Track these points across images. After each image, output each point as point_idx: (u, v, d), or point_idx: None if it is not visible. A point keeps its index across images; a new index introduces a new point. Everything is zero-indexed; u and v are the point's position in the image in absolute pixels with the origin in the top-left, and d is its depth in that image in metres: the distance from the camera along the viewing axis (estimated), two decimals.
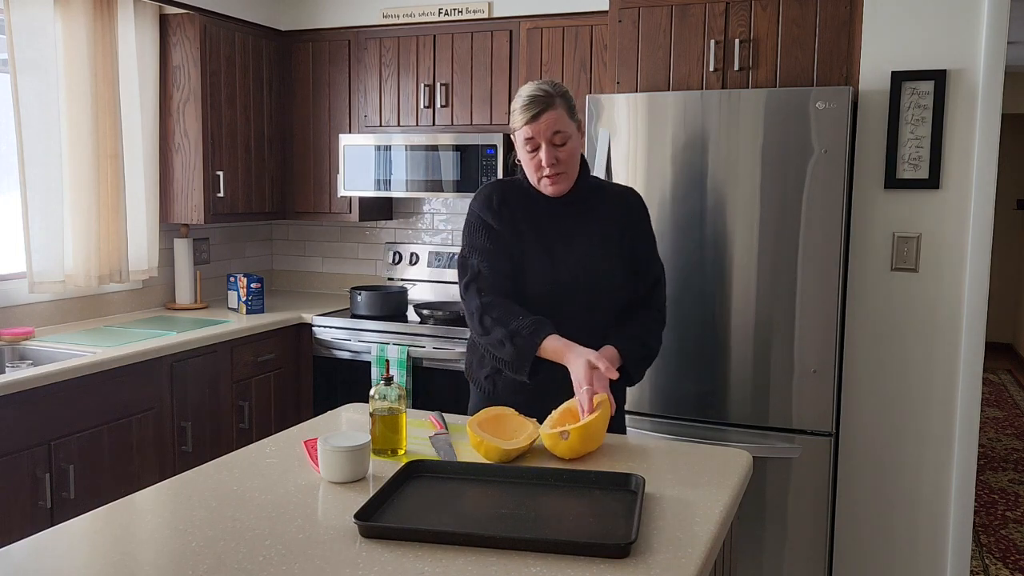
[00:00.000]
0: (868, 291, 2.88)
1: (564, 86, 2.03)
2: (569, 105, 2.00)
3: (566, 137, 1.98)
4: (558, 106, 1.96)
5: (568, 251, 2.05)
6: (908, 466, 2.87)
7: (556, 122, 1.96)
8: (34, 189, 3.21)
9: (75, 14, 3.30)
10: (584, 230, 2.07)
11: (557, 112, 1.96)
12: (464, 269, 2.12)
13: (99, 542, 1.40)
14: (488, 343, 2.03)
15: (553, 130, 1.96)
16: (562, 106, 1.97)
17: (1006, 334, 8.22)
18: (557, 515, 1.51)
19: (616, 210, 2.11)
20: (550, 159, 1.97)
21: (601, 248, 2.06)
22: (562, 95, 1.99)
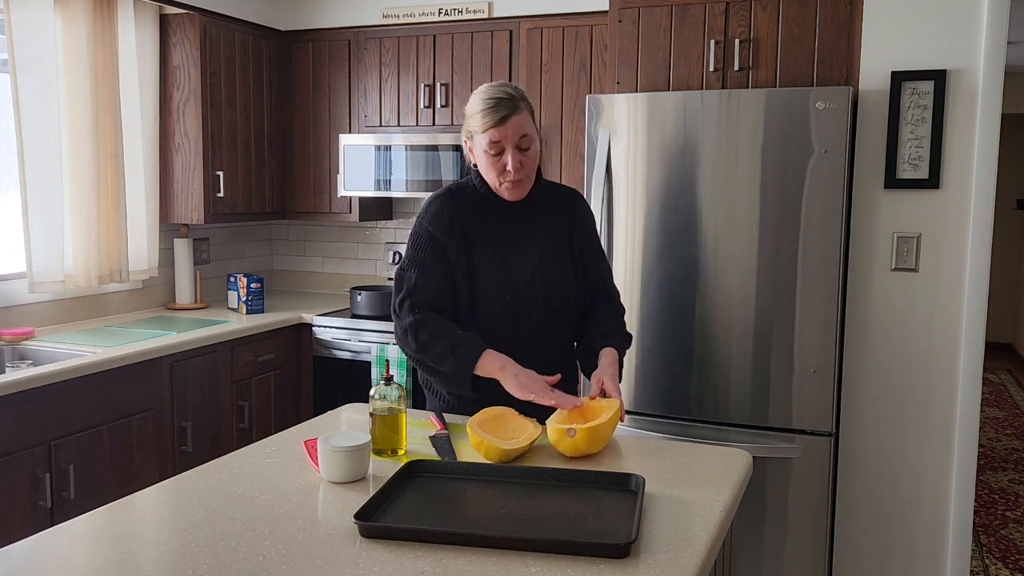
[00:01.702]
0: (868, 291, 2.88)
1: (521, 90, 2.01)
2: (531, 109, 2.00)
3: (531, 141, 1.98)
4: (523, 110, 1.96)
5: (523, 256, 2.05)
6: (908, 466, 2.87)
7: (522, 126, 1.95)
8: (34, 189, 3.21)
9: (75, 14, 3.30)
10: (536, 233, 2.07)
11: (523, 116, 1.96)
12: (400, 283, 2.04)
13: (99, 542, 1.40)
14: (427, 359, 1.97)
15: (520, 134, 1.95)
16: (526, 110, 1.97)
17: (1006, 334, 8.22)
18: (557, 515, 1.51)
19: (563, 211, 2.11)
20: (516, 163, 1.96)
21: (553, 251, 2.07)
22: (524, 99, 1.98)
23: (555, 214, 2.09)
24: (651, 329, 2.98)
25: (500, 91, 1.97)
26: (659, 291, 2.96)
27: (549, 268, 2.05)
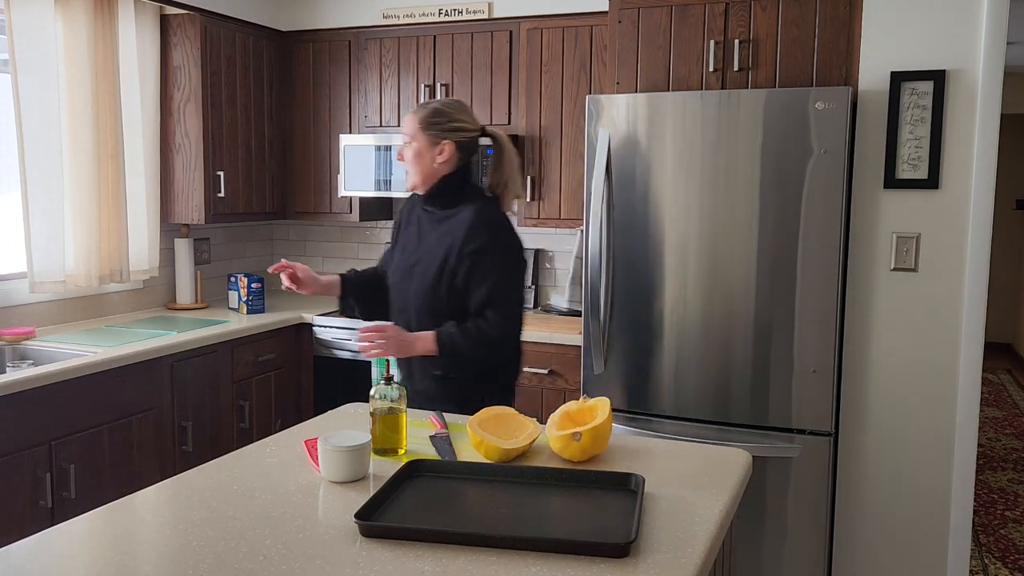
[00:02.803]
0: (868, 291, 2.89)
1: (440, 107, 2.32)
2: (424, 118, 2.30)
3: (410, 140, 2.32)
4: (414, 115, 2.32)
5: (410, 254, 2.37)
6: (907, 465, 2.88)
7: (406, 126, 2.33)
8: (35, 189, 3.21)
9: (76, 14, 3.30)
10: (428, 241, 2.34)
11: (411, 119, 2.32)
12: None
13: (99, 542, 1.40)
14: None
15: (405, 130, 2.33)
16: (417, 115, 2.31)
17: (1005, 334, 8.22)
18: (557, 514, 1.51)
19: (455, 235, 2.29)
20: (399, 154, 2.35)
21: (428, 261, 2.31)
22: (424, 109, 2.31)
23: (446, 233, 2.31)
24: (651, 329, 2.99)
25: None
26: (659, 291, 2.96)
27: (418, 273, 2.32)
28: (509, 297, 2.28)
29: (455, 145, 2.29)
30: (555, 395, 3.39)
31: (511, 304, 2.28)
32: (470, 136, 2.33)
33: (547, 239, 4.02)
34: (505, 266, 2.29)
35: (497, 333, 2.24)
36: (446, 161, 2.30)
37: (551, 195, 3.66)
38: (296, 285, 2.39)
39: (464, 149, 2.33)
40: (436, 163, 2.30)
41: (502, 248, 2.29)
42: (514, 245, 2.34)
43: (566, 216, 3.64)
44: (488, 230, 2.28)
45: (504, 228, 2.33)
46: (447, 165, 2.31)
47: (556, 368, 3.37)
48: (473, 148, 2.36)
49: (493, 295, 2.25)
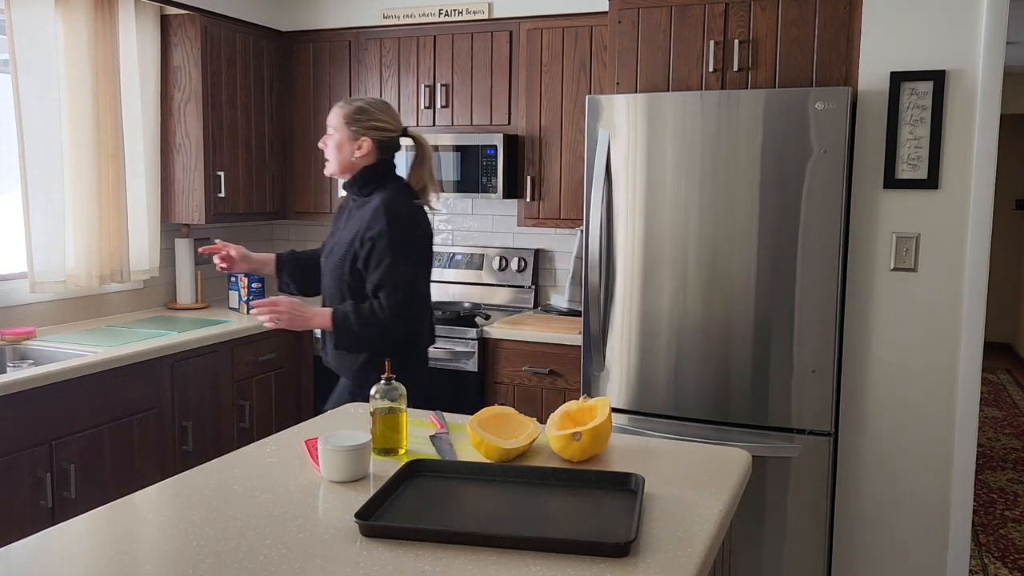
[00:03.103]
0: (867, 291, 2.89)
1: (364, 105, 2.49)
2: (348, 114, 2.48)
3: (333, 132, 2.50)
4: (339, 109, 2.50)
5: (334, 239, 2.57)
6: (907, 465, 2.88)
7: (331, 117, 2.51)
8: (35, 189, 3.21)
9: (76, 14, 3.31)
10: (347, 227, 2.53)
11: (336, 112, 2.50)
12: None
13: (100, 542, 1.41)
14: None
15: (330, 121, 2.51)
16: (342, 110, 2.49)
17: (1005, 334, 8.22)
18: (557, 514, 1.51)
19: (365, 220, 2.45)
20: (322, 141, 2.54)
21: (342, 245, 2.49)
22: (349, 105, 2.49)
23: (359, 219, 2.48)
24: (651, 329, 2.99)
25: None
26: (658, 291, 2.97)
27: (335, 257, 2.50)
28: (400, 281, 2.39)
29: (373, 142, 2.48)
30: (555, 395, 3.39)
31: (401, 288, 2.40)
32: (389, 136, 2.51)
33: (547, 239, 4.02)
34: (399, 251, 2.39)
35: (386, 315, 2.38)
36: (364, 155, 2.49)
37: (551, 195, 3.66)
38: (229, 265, 2.62)
39: (383, 146, 2.51)
40: (354, 156, 2.49)
41: (398, 234, 2.40)
42: (412, 231, 2.45)
43: (566, 216, 3.65)
44: (387, 215, 2.40)
45: (405, 215, 2.44)
46: (365, 159, 2.49)
47: (556, 368, 3.37)
48: (393, 146, 2.54)
49: (384, 279, 2.39)
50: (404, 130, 2.56)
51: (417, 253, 2.48)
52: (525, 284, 3.99)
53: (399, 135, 2.55)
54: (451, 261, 4.11)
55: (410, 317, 2.44)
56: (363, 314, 2.39)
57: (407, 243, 2.42)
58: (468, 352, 3.48)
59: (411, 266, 2.44)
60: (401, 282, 2.40)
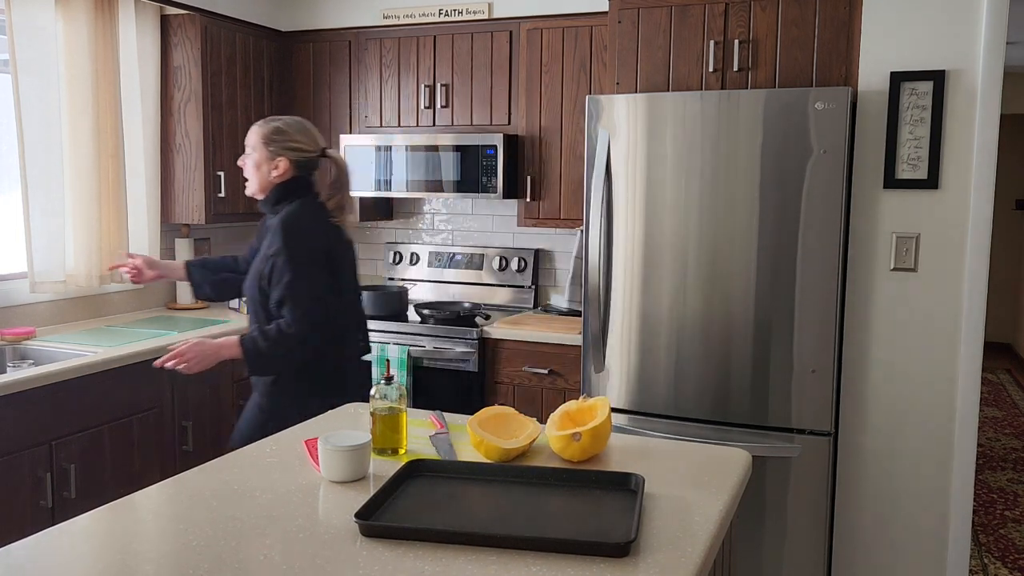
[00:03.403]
0: (867, 291, 2.89)
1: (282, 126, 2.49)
2: (265, 134, 2.48)
3: (250, 150, 2.50)
4: (258, 128, 2.50)
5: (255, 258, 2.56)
6: (907, 465, 2.88)
7: (250, 136, 2.51)
8: (35, 189, 3.21)
9: (76, 14, 3.31)
10: (261, 247, 2.52)
11: (254, 131, 2.51)
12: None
13: (100, 542, 1.41)
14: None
15: (248, 141, 2.51)
16: (260, 130, 2.49)
17: (1005, 334, 8.22)
18: (557, 514, 1.51)
19: (268, 236, 2.47)
20: (241, 160, 2.54)
21: (257, 264, 2.48)
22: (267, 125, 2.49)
23: (266, 236, 2.49)
24: (651, 329, 2.99)
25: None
26: (658, 291, 2.97)
27: (250, 277, 2.50)
28: (301, 296, 2.37)
29: (290, 163, 2.47)
30: (555, 395, 3.39)
31: (303, 303, 2.37)
32: (307, 156, 2.50)
33: (547, 239, 4.02)
34: (298, 266, 2.38)
35: (294, 331, 2.36)
36: (280, 176, 2.48)
37: (551, 195, 3.66)
38: (137, 275, 2.68)
39: (300, 167, 2.49)
40: (271, 176, 2.48)
41: (296, 248, 2.39)
42: (309, 246, 2.43)
43: (566, 216, 3.65)
44: (284, 232, 2.40)
45: (304, 230, 2.43)
46: (282, 179, 2.49)
47: (556, 368, 3.37)
48: (311, 166, 2.53)
49: (286, 295, 2.38)
50: (323, 151, 2.55)
51: (320, 267, 2.43)
52: (525, 284, 3.99)
53: (317, 156, 2.54)
54: (451, 261, 4.11)
55: (316, 331, 2.40)
56: (270, 335, 2.37)
57: (305, 257, 2.40)
58: (468, 352, 3.48)
59: (311, 279, 2.40)
60: (303, 296, 2.38)
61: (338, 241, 2.54)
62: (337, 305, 2.49)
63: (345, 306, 2.55)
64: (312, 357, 2.44)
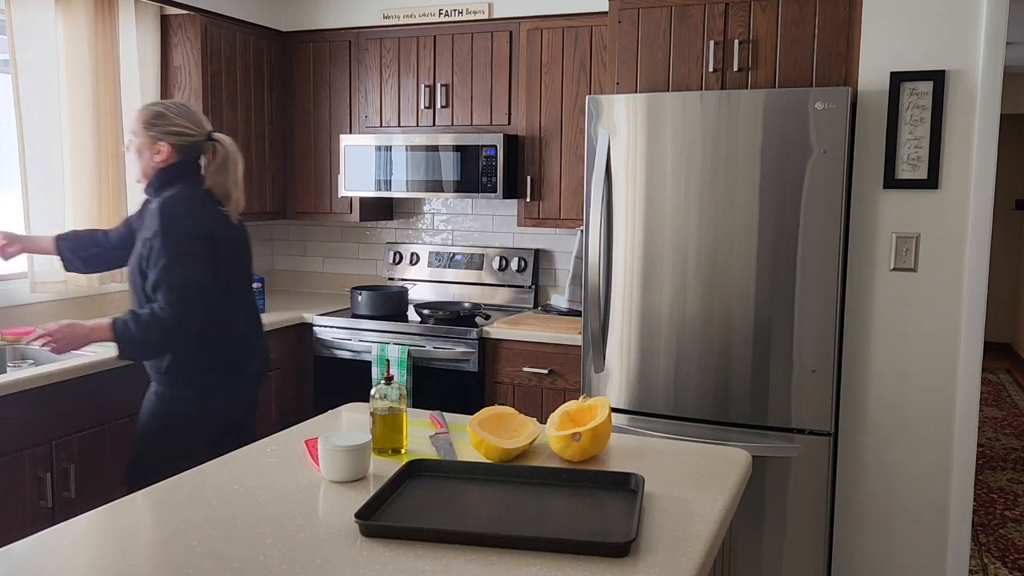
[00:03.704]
0: (867, 291, 2.89)
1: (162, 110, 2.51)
2: (145, 119, 2.49)
3: (131, 136, 2.52)
4: (139, 113, 2.52)
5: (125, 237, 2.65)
6: (907, 465, 2.88)
7: (131, 123, 2.53)
8: (35, 190, 3.21)
9: (76, 14, 3.31)
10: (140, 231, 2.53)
11: (135, 116, 2.52)
12: None
13: (100, 542, 1.41)
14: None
15: (130, 127, 2.54)
16: (140, 115, 2.51)
17: (1005, 334, 8.22)
18: (557, 514, 1.51)
19: (146, 220, 2.49)
20: (126, 146, 2.55)
21: (135, 249, 2.51)
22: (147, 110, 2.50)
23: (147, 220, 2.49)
24: (651, 329, 2.99)
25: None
26: (658, 291, 2.97)
27: (131, 262, 2.52)
28: (176, 282, 2.38)
29: (172, 147, 2.48)
30: (555, 395, 3.39)
31: (177, 289, 2.38)
32: (190, 140, 2.50)
33: (547, 239, 4.02)
34: (174, 251, 2.39)
35: (167, 315, 2.37)
36: (163, 160, 2.48)
37: (551, 195, 3.66)
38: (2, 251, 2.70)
39: (183, 151, 2.50)
40: (154, 161, 2.49)
41: (174, 233, 2.40)
42: (190, 230, 2.43)
43: (566, 216, 3.65)
44: (162, 216, 2.41)
45: (181, 215, 2.43)
46: (165, 163, 2.49)
47: (556, 368, 3.37)
48: (195, 150, 2.53)
49: (160, 279, 2.39)
50: (209, 134, 2.53)
51: (198, 253, 2.43)
52: (525, 284, 3.99)
53: (202, 139, 2.52)
54: (451, 261, 4.11)
55: (192, 317, 2.41)
56: (142, 320, 2.37)
57: (182, 242, 2.39)
58: (468, 352, 3.48)
59: (188, 267, 2.40)
60: (178, 282, 2.38)
61: (223, 228, 2.52)
62: (223, 292, 2.50)
63: (232, 293, 2.55)
64: (196, 343, 2.46)
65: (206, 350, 2.51)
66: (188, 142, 2.50)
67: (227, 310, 2.55)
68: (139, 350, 2.44)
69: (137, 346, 2.41)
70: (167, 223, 2.40)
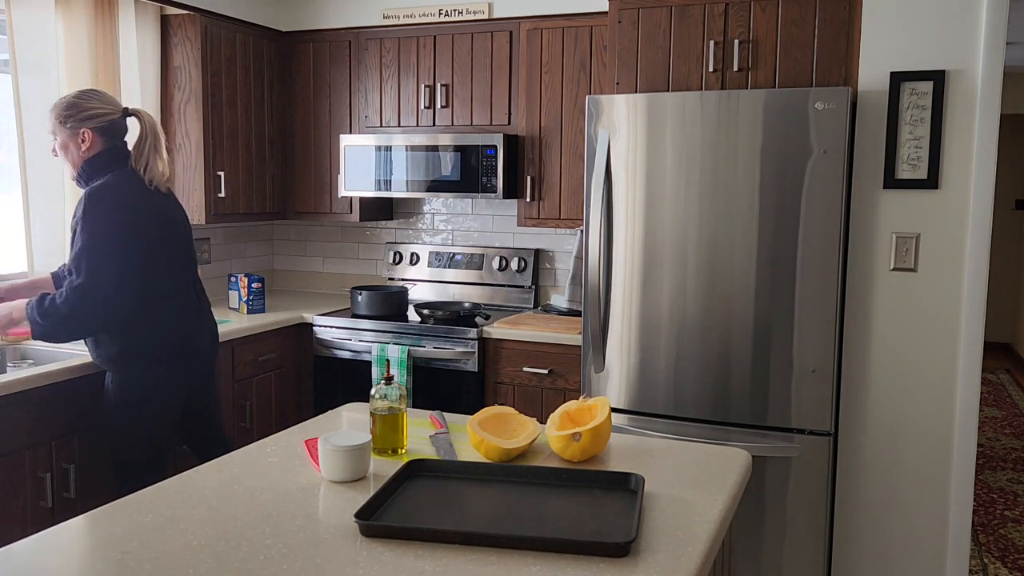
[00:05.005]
0: (867, 291, 2.89)
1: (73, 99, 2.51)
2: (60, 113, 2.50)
3: (53, 137, 2.54)
4: (51, 111, 2.52)
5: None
6: (907, 465, 2.88)
7: (48, 123, 2.54)
8: (35, 190, 3.21)
9: (76, 14, 3.31)
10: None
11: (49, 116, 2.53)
12: None
13: (99, 542, 1.41)
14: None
15: (49, 128, 2.54)
16: (54, 112, 2.51)
17: (1005, 334, 8.22)
18: (557, 514, 1.51)
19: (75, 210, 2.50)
20: (51, 151, 2.57)
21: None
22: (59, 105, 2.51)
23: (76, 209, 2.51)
24: (650, 329, 2.99)
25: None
26: (658, 291, 2.97)
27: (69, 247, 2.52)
28: (91, 267, 2.40)
29: (94, 131, 2.48)
30: (555, 395, 3.39)
31: (91, 274, 2.40)
32: (108, 120, 2.51)
33: (547, 239, 4.02)
34: (93, 233, 2.40)
35: (79, 295, 2.39)
36: (90, 147, 2.50)
37: (551, 195, 3.66)
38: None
39: (106, 132, 2.51)
40: (82, 151, 2.50)
41: (94, 218, 2.41)
42: (110, 216, 2.44)
43: (566, 216, 3.65)
44: (86, 201, 2.43)
45: (101, 199, 2.45)
46: (93, 151, 2.50)
47: (556, 368, 3.38)
48: (117, 129, 2.54)
49: (77, 262, 2.41)
50: (124, 110, 2.55)
51: (124, 237, 2.44)
52: (525, 284, 3.99)
53: (120, 117, 2.54)
54: (451, 261, 4.11)
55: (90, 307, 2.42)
56: (51, 301, 2.40)
57: (104, 226, 2.41)
58: (468, 352, 3.48)
59: (106, 249, 2.41)
60: (92, 267, 2.39)
61: (154, 213, 2.53)
62: (155, 276, 2.52)
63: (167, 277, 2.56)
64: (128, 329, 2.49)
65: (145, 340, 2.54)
66: (107, 122, 2.51)
67: (161, 291, 2.56)
68: (50, 330, 2.46)
69: (48, 326, 2.44)
70: (88, 212, 2.42)
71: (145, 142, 2.55)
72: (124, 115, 2.56)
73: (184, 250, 2.67)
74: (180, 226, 2.67)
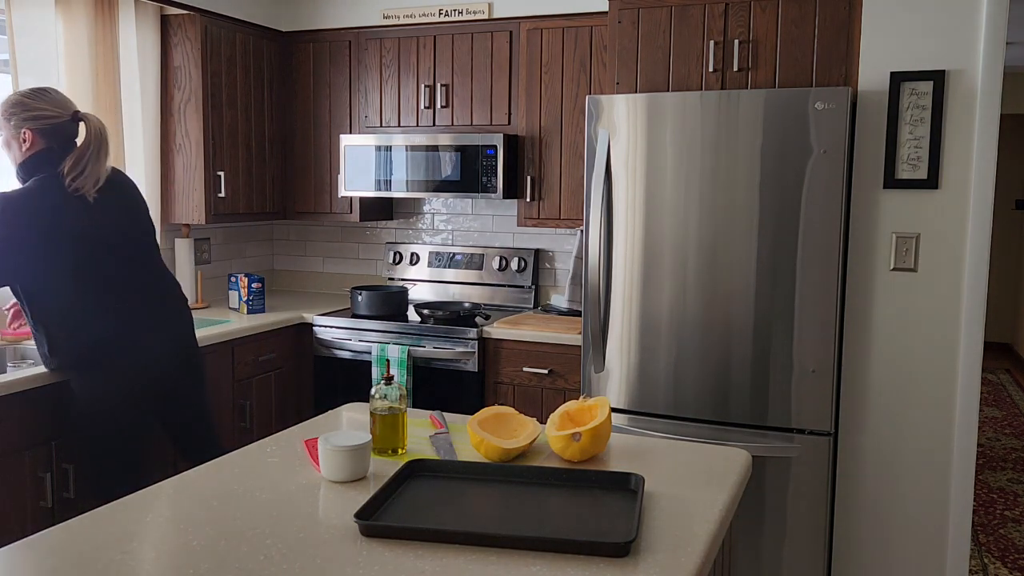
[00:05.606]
0: (867, 291, 2.89)
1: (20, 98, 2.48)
2: (4, 110, 2.48)
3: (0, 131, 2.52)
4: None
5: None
6: (907, 465, 2.88)
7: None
8: None
9: (76, 15, 3.31)
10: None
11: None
12: None
13: (100, 542, 1.41)
14: None
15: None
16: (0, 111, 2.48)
17: (1005, 334, 8.22)
18: (557, 514, 1.51)
19: None
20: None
21: None
22: (5, 101, 2.49)
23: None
24: (650, 329, 2.99)
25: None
26: (658, 291, 2.97)
27: None
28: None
29: (35, 132, 2.45)
30: (555, 395, 3.39)
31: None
32: (52, 123, 2.47)
33: (547, 239, 4.02)
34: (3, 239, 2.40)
35: None
36: (30, 148, 2.46)
37: (551, 195, 3.67)
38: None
39: (47, 135, 2.47)
40: (23, 150, 2.47)
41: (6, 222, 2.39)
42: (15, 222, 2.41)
43: (566, 216, 3.65)
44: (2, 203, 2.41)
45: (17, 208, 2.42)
46: (31, 151, 2.47)
47: (556, 368, 3.38)
48: (61, 132, 2.50)
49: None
50: (75, 114, 2.51)
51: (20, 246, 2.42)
52: (525, 284, 3.99)
53: (67, 120, 2.50)
54: (451, 261, 4.11)
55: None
56: None
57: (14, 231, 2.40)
58: (468, 352, 3.48)
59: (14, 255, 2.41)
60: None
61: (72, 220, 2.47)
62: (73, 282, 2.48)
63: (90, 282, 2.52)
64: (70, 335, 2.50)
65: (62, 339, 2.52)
66: (50, 125, 2.47)
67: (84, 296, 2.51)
68: None
69: None
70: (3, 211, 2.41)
71: (88, 148, 2.49)
72: (74, 119, 2.51)
73: (120, 256, 2.58)
74: (110, 231, 2.57)
